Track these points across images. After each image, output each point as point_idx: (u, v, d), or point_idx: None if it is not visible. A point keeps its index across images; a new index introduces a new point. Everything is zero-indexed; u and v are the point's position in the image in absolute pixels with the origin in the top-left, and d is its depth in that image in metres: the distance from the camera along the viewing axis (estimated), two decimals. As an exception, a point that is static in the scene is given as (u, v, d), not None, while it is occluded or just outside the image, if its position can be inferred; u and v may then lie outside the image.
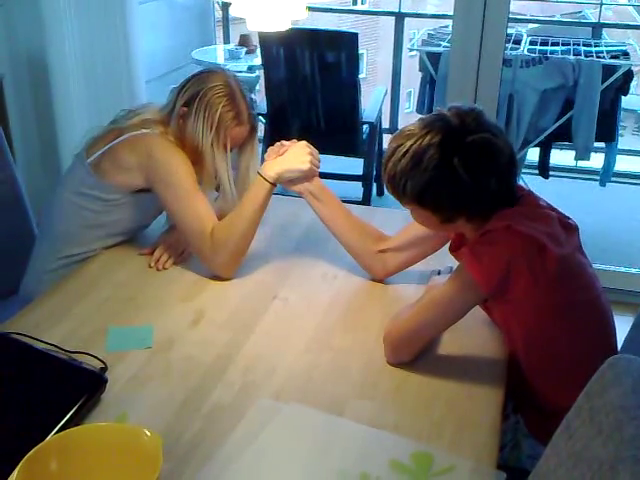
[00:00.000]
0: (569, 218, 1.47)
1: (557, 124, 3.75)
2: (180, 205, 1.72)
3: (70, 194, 1.82)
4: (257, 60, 4.15)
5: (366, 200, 3.82)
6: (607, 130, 3.80)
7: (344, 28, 6.49)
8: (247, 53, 4.37)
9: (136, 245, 1.90)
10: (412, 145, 1.36)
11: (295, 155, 1.73)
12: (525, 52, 3.80)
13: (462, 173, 1.33)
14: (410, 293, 1.68)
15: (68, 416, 1.23)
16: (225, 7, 5.06)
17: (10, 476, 1.00)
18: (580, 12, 9.52)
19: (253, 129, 1.85)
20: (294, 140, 1.77)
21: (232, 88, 1.76)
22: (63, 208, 1.84)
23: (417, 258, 1.72)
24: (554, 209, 1.47)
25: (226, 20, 5.10)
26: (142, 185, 1.77)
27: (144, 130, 1.76)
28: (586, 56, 3.75)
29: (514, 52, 3.75)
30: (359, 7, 12.53)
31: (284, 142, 1.76)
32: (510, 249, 1.33)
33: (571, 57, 3.73)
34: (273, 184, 1.72)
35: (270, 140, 3.79)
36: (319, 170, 1.76)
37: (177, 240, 1.84)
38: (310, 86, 3.71)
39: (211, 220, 1.73)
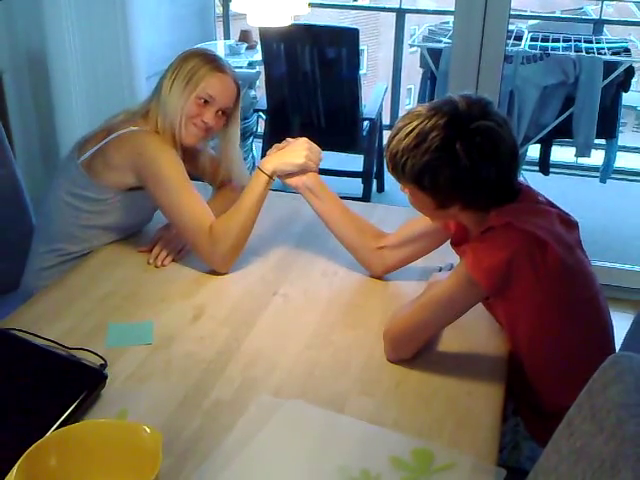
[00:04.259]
0: (569, 215, 1.47)
1: (558, 121, 3.74)
2: (174, 201, 1.71)
3: (64, 195, 1.81)
4: (257, 56, 4.14)
5: (366, 197, 3.81)
6: (608, 127, 3.80)
7: (345, 24, 6.48)
8: (247, 49, 4.37)
9: (136, 241, 1.90)
10: (417, 125, 1.35)
11: (292, 150, 1.73)
12: (526, 48, 3.79)
13: (463, 157, 1.32)
14: (411, 290, 1.68)
15: (68, 412, 1.23)
16: (225, 2, 5.06)
17: (10, 472, 1.00)
18: (581, 8, 9.53)
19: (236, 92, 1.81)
20: (299, 138, 1.77)
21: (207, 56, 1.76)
22: (59, 208, 1.83)
23: (416, 255, 1.72)
24: (553, 205, 1.46)
25: (226, 16, 5.09)
26: (134, 183, 1.76)
27: (133, 128, 1.74)
28: (587, 52, 3.75)
29: (515, 48, 3.74)
30: (360, 3, 12.51)
31: (289, 139, 1.77)
32: (511, 247, 1.33)
33: (572, 53, 3.73)
34: (270, 176, 1.72)
35: (270, 136, 3.79)
36: (318, 166, 1.76)
37: (176, 236, 1.83)
38: (310, 82, 3.71)
39: (207, 215, 1.72)
